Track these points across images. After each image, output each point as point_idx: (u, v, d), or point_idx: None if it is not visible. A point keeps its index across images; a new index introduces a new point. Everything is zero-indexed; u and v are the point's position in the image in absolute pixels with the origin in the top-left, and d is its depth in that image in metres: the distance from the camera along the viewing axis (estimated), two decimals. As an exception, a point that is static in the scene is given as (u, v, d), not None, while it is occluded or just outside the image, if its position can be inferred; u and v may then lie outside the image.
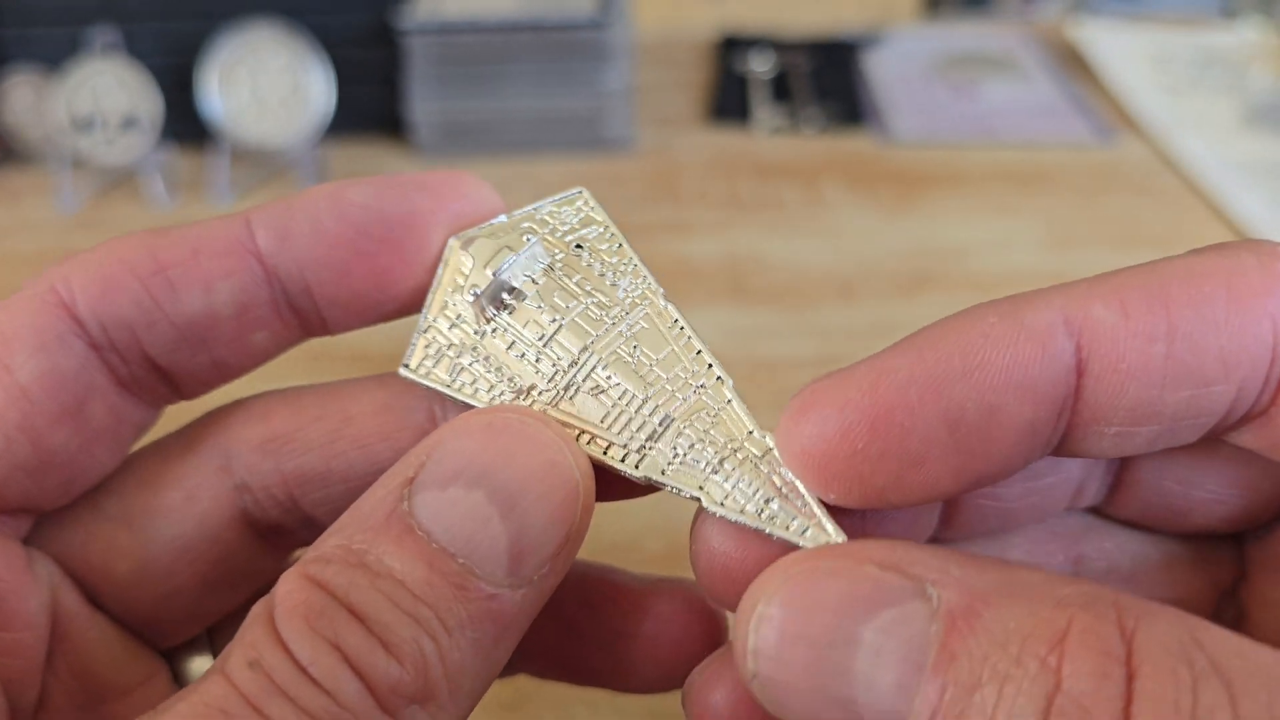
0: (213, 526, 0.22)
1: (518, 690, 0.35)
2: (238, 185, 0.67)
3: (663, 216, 0.63)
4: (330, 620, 0.16)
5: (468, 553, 0.17)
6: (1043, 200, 0.64)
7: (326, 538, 0.18)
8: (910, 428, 0.17)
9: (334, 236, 0.21)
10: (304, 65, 0.66)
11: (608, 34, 0.67)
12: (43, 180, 0.67)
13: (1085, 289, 0.18)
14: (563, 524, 0.18)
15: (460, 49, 0.68)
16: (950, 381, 0.17)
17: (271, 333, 0.21)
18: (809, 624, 0.16)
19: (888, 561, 0.16)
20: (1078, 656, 0.14)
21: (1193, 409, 0.17)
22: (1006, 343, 0.17)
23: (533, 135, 0.70)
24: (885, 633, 0.15)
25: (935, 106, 0.77)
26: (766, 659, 0.16)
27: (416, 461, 0.18)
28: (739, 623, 0.17)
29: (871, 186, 0.66)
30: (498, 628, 0.17)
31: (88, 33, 0.66)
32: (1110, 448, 0.18)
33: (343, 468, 0.22)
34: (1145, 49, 0.85)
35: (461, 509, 0.17)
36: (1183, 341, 0.17)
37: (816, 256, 0.59)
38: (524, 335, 0.20)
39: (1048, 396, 0.17)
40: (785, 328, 0.53)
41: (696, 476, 0.19)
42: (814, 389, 0.18)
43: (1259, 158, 0.68)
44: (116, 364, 0.20)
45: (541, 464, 0.18)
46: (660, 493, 0.20)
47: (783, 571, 0.17)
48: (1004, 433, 0.17)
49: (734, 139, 0.72)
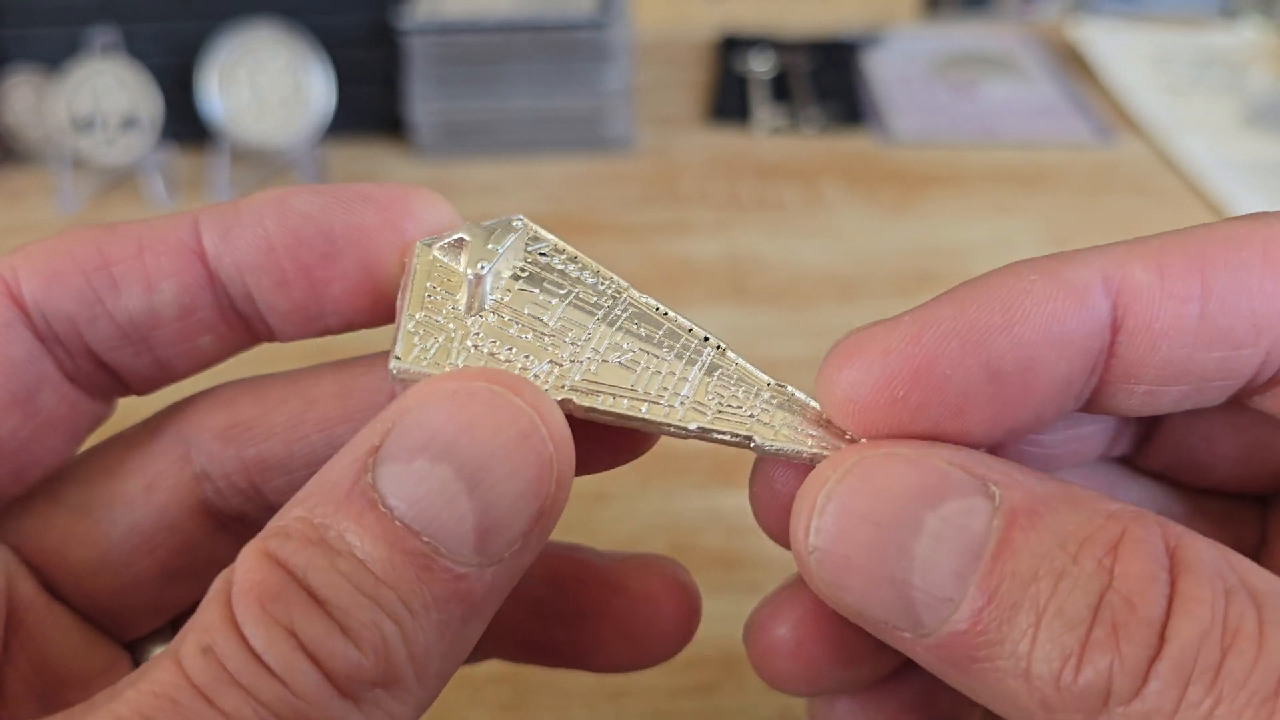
0: (172, 516, 0.22)
1: (518, 690, 0.35)
2: (237, 185, 0.67)
3: (663, 216, 0.63)
4: (286, 604, 0.16)
5: (433, 531, 0.16)
6: (1042, 200, 0.64)
7: (290, 507, 0.17)
8: (951, 377, 0.17)
9: (274, 244, 0.20)
10: (304, 65, 0.66)
11: (608, 34, 0.67)
12: (43, 180, 0.67)
13: (1124, 250, 0.18)
14: (534, 500, 0.17)
15: (460, 49, 0.68)
16: (992, 334, 0.17)
17: (216, 337, 0.21)
18: (876, 505, 0.17)
19: (955, 459, 0.17)
20: (1129, 560, 0.15)
21: (1222, 370, 0.18)
22: (1046, 298, 0.17)
23: (533, 135, 0.70)
24: (948, 521, 0.16)
25: (935, 107, 0.77)
26: (829, 535, 0.17)
27: (382, 429, 0.17)
28: (803, 498, 0.18)
29: (871, 186, 0.66)
30: (465, 608, 0.17)
31: (88, 33, 0.66)
32: (1138, 405, 0.19)
33: (305, 452, 0.22)
34: (1145, 49, 0.85)
35: (427, 484, 0.16)
36: (1216, 304, 0.17)
37: (816, 256, 0.59)
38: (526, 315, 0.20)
39: (1083, 351, 0.18)
40: (785, 328, 0.53)
41: (742, 421, 0.19)
42: (858, 337, 0.18)
43: (1259, 158, 0.68)
44: (62, 356, 0.20)
45: (512, 436, 0.17)
46: (659, 492, 0.20)
47: (856, 453, 0.17)
48: (1040, 385, 0.18)
49: (734, 139, 0.72)
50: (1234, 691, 0.14)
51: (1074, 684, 0.15)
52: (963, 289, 0.18)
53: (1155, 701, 0.14)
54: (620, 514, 0.42)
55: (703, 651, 0.36)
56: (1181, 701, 0.14)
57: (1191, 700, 0.14)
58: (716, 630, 0.37)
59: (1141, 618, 0.15)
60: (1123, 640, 0.15)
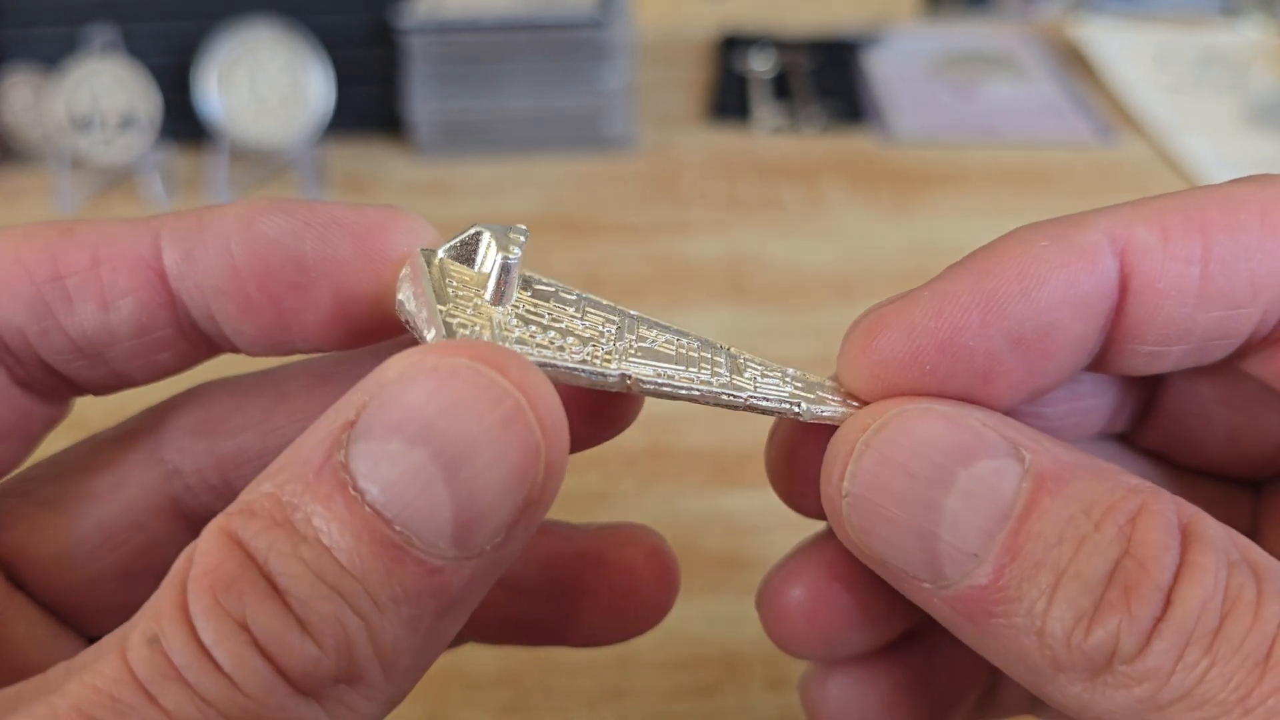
0: (139, 514, 0.21)
1: (518, 692, 0.35)
2: (236, 184, 0.67)
3: (663, 216, 0.63)
4: (240, 594, 0.15)
5: (405, 519, 0.15)
6: (1043, 200, 0.64)
7: (261, 480, 0.16)
8: (976, 347, 0.18)
9: (240, 268, 0.19)
10: (303, 64, 0.65)
11: (607, 33, 0.67)
12: (41, 180, 0.67)
13: (1129, 212, 0.19)
14: (519, 490, 0.16)
15: (460, 48, 0.67)
16: (1011, 301, 0.18)
17: (175, 353, 0.20)
18: (911, 456, 0.17)
19: (989, 422, 0.18)
20: (1146, 529, 0.16)
21: (1221, 329, 0.19)
22: (1060, 263, 0.18)
23: (532, 134, 0.70)
24: (980, 479, 0.17)
25: (936, 106, 0.76)
26: (864, 481, 0.17)
27: (359, 400, 0.16)
28: (839, 442, 0.18)
29: (872, 186, 0.66)
30: (440, 603, 0.16)
31: (86, 32, 0.66)
32: (1142, 365, 0.19)
33: (279, 444, 0.20)
34: (1146, 48, 0.85)
35: (401, 467, 0.15)
36: (1216, 264, 0.18)
37: (816, 256, 0.59)
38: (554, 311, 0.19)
39: (1096, 311, 0.18)
40: (785, 328, 0.53)
41: (784, 398, 0.20)
42: (880, 313, 0.19)
43: (1260, 157, 0.68)
44: (12, 365, 0.20)
45: (495, 420, 0.15)
46: (659, 492, 0.20)
47: (896, 405, 0.18)
48: (1059, 347, 0.18)
49: (734, 138, 0.72)
50: (1229, 654, 0.15)
51: (1084, 642, 0.15)
52: (977, 259, 0.19)
53: (1156, 661, 0.15)
54: (620, 514, 0.41)
55: (703, 652, 0.36)
56: (1179, 662, 0.15)
57: (1189, 661, 0.15)
58: (717, 631, 0.37)
59: (1153, 581, 0.15)
60: (1133, 602, 0.15)
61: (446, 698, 0.35)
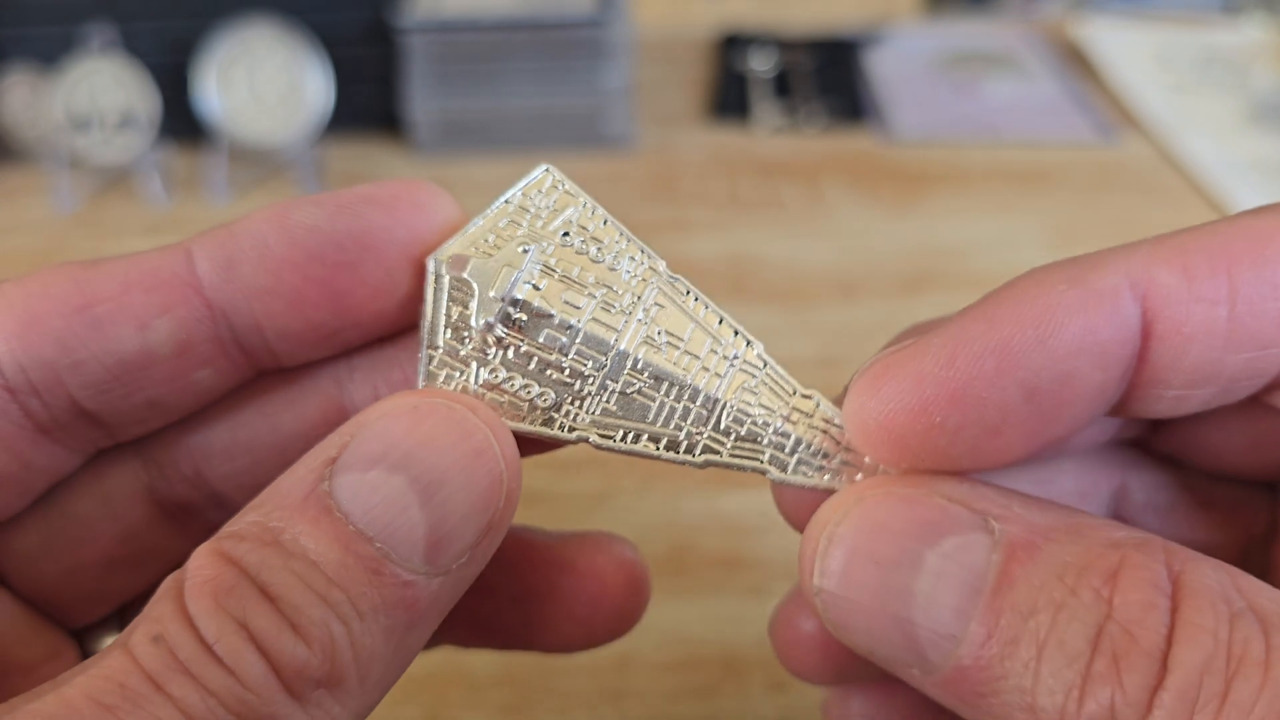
0: (116, 503, 0.21)
1: (518, 693, 0.35)
2: (235, 184, 0.66)
3: (663, 215, 0.63)
4: (239, 598, 0.16)
5: (385, 538, 0.17)
6: (1045, 199, 0.64)
7: (244, 514, 0.17)
8: (988, 398, 0.17)
9: (283, 263, 0.19)
10: (302, 63, 0.65)
11: (607, 32, 0.67)
12: (40, 179, 0.67)
13: (1148, 251, 0.18)
14: (484, 514, 0.18)
15: (459, 47, 0.67)
16: (1026, 350, 0.17)
17: (216, 370, 0.20)
18: (877, 544, 0.17)
19: (954, 495, 0.17)
20: (1128, 589, 0.15)
21: (1249, 370, 0.18)
22: (1078, 309, 0.17)
23: (532, 133, 0.69)
24: (948, 558, 0.16)
25: (937, 105, 0.76)
26: (833, 576, 0.17)
27: (340, 441, 0.17)
28: (807, 539, 0.18)
29: (873, 185, 0.66)
30: (411, 616, 0.17)
31: (84, 31, 0.66)
32: (1166, 409, 0.19)
33: (247, 437, 0.21)
34: (1148, 47, 0.84)
35: (381, 493, 0.17)
36: (1244, 304, 0.17)
37: (817, 256, 0.59)
38: (543, 349, 0.20)
39: (1116, 359, 0.17)
40: (785, 327, 0.52)
41: (756, 451, 0.19)
42: (886, 362, 0.18)
43: (1262, 156, 0.67)
44: (36, 408, 0.19)
45: (466, 452, 0.18)
46: (659, 493, 0.20)
47: (855, 494, 0.18)
48: (1077, 396, 0.18)
49: (734, 137, 0.72)
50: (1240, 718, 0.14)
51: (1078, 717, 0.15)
52: (990, 303, 0.18)
53: None
54: (620, 515, 0.41)
55: (703, 652, 0.36)
56: None
57: None
58: (717, 631, 0.37)
59: (1142, 648, 0.15)
60: (1124, 671, 0.15)
61: (446, 698, 0.34)
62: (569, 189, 0.21)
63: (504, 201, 0.21)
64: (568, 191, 0.21)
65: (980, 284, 0.65)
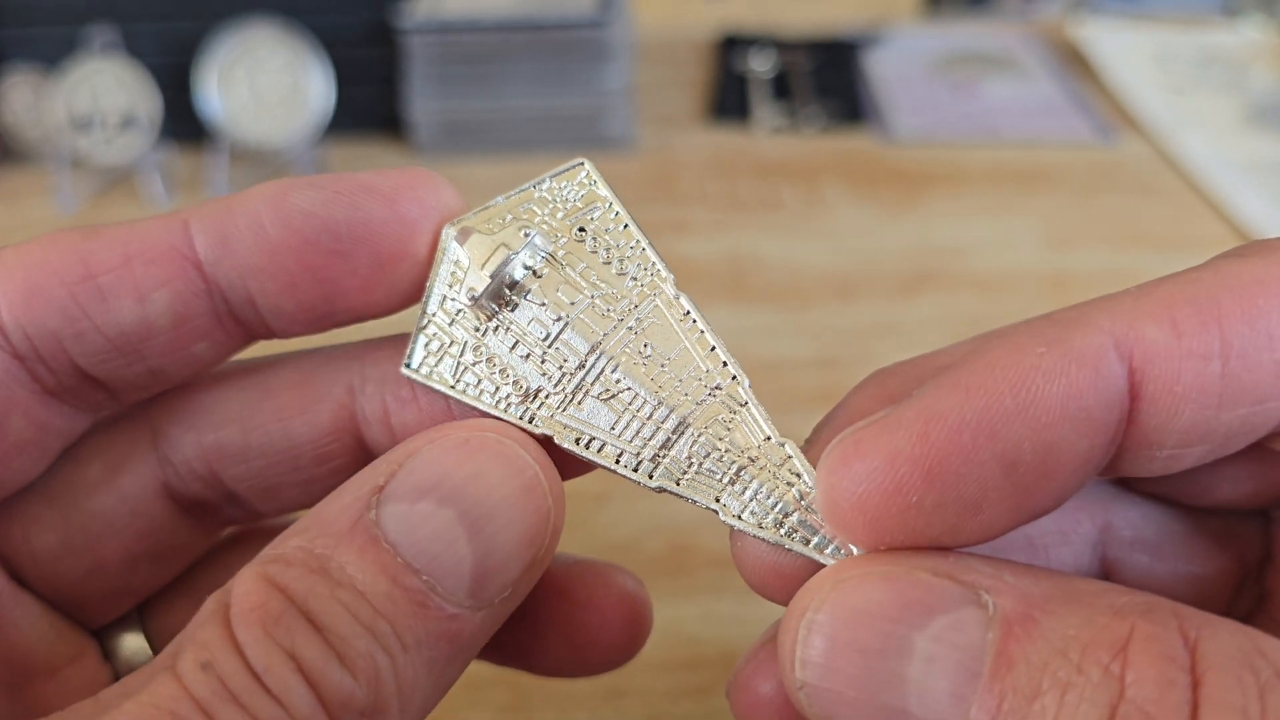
0: (135, 500, 0.21)
1: (518, 693, 0.35)
2: (236, 184, 0.66)
3: (662, 216, 0.63)
4: (287, 627, 0.16)
5: (431, 570, 0.17)
6: (1043, 199, 0.64)
7: (288, 537, 0.17)
8: (966, 474, 0.16)
9: (277, 245, 0.19)
10: (303, 64, 0.65)
11: (607, 33, 0.67)
12: (42, 180, 0.67)
13: (1131, 305, 0.17)
14: (529, 550, 0.18)
15: (460, 48, 0.67)
16: (1005, 421, 0.16)
17: (212, 343, 0.20)
18: (860, 631, 0.15)
19: (940, 568, 0.16)
20: (1141, 664, 0.14)
21: (1246, 426, 0.17)
22: (1058, 373, 0.16)
23: (532, 134, 0.70)
24: (939, 640, 0.15)
25: (936, 106, 0.76)
26: (815, 668, 0.16)
27: (388, 469, 0.17)
28: (785, 630, 0.16)
29: (872, 186, 0.66)
30: (453, 648, 0.17)
31: (86, 32, 0.66)
32: (1160, 469, 0.17)
33: (261, 441, 0.21)
34: (1146, 48, 0.85)
35: (430, 526, 0.17)
36: (1238, 359, 0.16)
37: (816, 256, 0.59)
38: (528, 335, 0.20)
39: (1103, 424, 0.16)
40: (785, 328, 0.53)
41: (713, 487, 0.19)
42: (857, 438, 0.17)
43: (1260, 157, 0.68)
44: (43, 374, 0.19)
45: (516, 488, 0.18)
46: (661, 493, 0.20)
47: (832, 577, 0.16)
48: (1061, 466, 0.16)
49: (734, 138, 0.72)
50: None
51: None
52: (964, 371, 0.16)
53: None
54: (620, 515, 0.41)
55: (703, 652, 0.36)
56: None
57: None
58: (717, 632, 0.37)
59: None
60: None
61: (447, 698, 0.35)
62: (598, 188, 0.21)
63: (531, 186, 0.21)
64: (596, 190, 0.21)
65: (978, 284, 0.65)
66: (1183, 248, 0.59)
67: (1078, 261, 0.58)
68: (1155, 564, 0.22)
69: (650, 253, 0.20)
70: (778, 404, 0.19)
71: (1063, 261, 0.58)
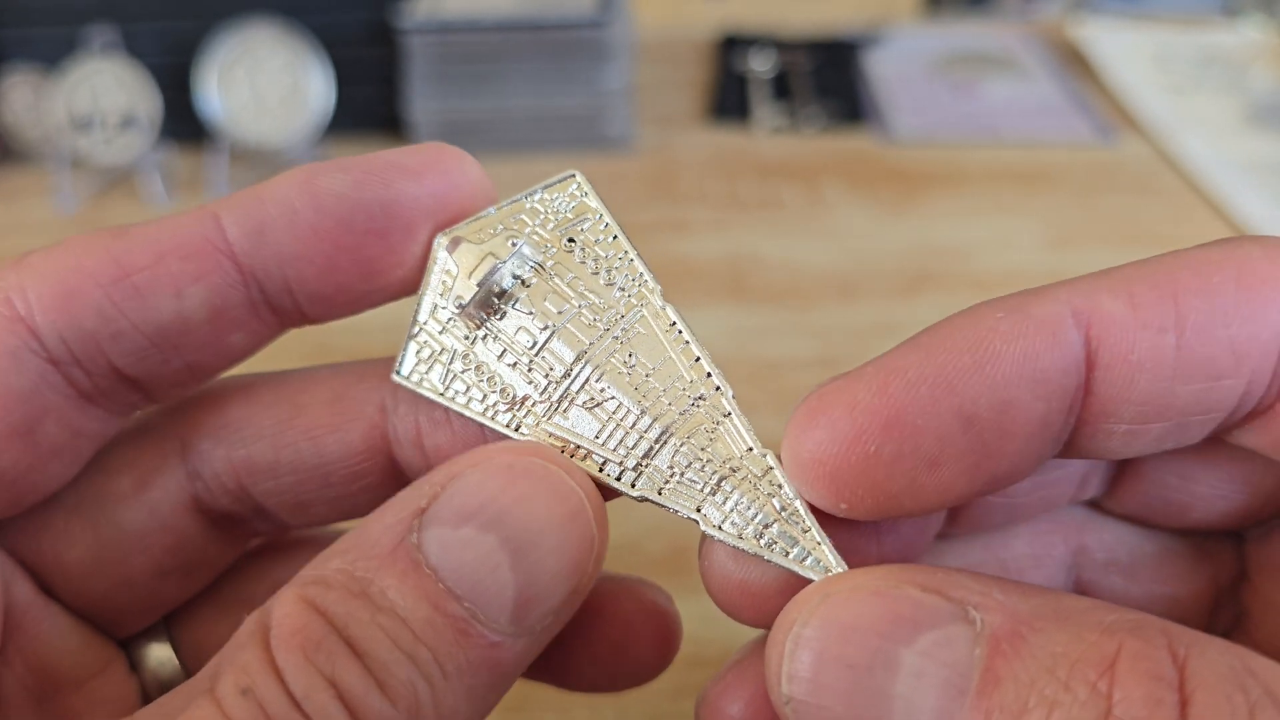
0: (165, 513, 0.21)
1: (519, 692, 0.35)
2: (236, 184, 0.66)
3: (662, 216, 0.63)
4: (328, 653, 0.16)
5: (473, 597, 0.17)
6: (1043, 199, 0.64)
7: (328, 558, 0.17)
8: (925, 427, 0.16)
9: (313, 230, 0.19)
10: (303, 64, 0.65)
11: (607, 33, 0.67)
12: (42, 180, 0.67)
13: (1091, 281, 0.17)
14: (573, 578, 0.17)
15: (460, 48, 0.67)
16: (962, 377, 0.16)
17: (248, 333, 0.20)
18: (847, 646, 0.15)
19: (929, 584, 0.16)
20: (1129, 682, 0.13)
21: (1203, 403, 0.17)
22: (1016, 335, 0.16)
23: (532, 134, 0.70)
24: (927, 656, 0.15)
25: (936, 106, 0.76)
26: (802, 683, 0.16)
27: (430, 491, 0.17)
28: (772, 644, 0.16)
29: (872, 186, 0.66)
30: (493, 676, 0.17)
31: (86, 32, 0.66)
32: (1119, 447, 0.18)
33: (291, 458, 0.21)
34: (1146, 48, 0.85)
35: (473, 551, 0.17)
36: (1193, 332, 0.16)
37: (816, 256, 0.59)
38: (515, 343, 0.20)
39: (1059, 389, 0.17)
40: (785, 328, 0.53)
41: (694, 497, 0.18)
42: (820, 393, 0.17)
43: (1260, 157, 0.68)
44: (78, 377, 0.19)
45: (562, 515, 0.17)
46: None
47: (820, 592, 0.16)
48: (1018, 428, 0.17)
49: (734, 138, 0.72)
50: None
51: None
52: (927, 334, 0.17)
53: None
54: (620, 515, 0.41)
55: (704, 652, 0.36)
56: None
57: None
58: (717, 631, 0.37)
59: None
60: None
61: (447, 697, 0.35)
62: (589, 199, 0.21)
63: (523, 197, 0.21)
64: (587, 201, 0.21)
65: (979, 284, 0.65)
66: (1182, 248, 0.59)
67: (1078, 261, 0.58)
68: (1130, 586, 0.22)
69: (638, 263, 0.20)
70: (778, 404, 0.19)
71: (1063, 261, 0.58)
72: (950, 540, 0.22)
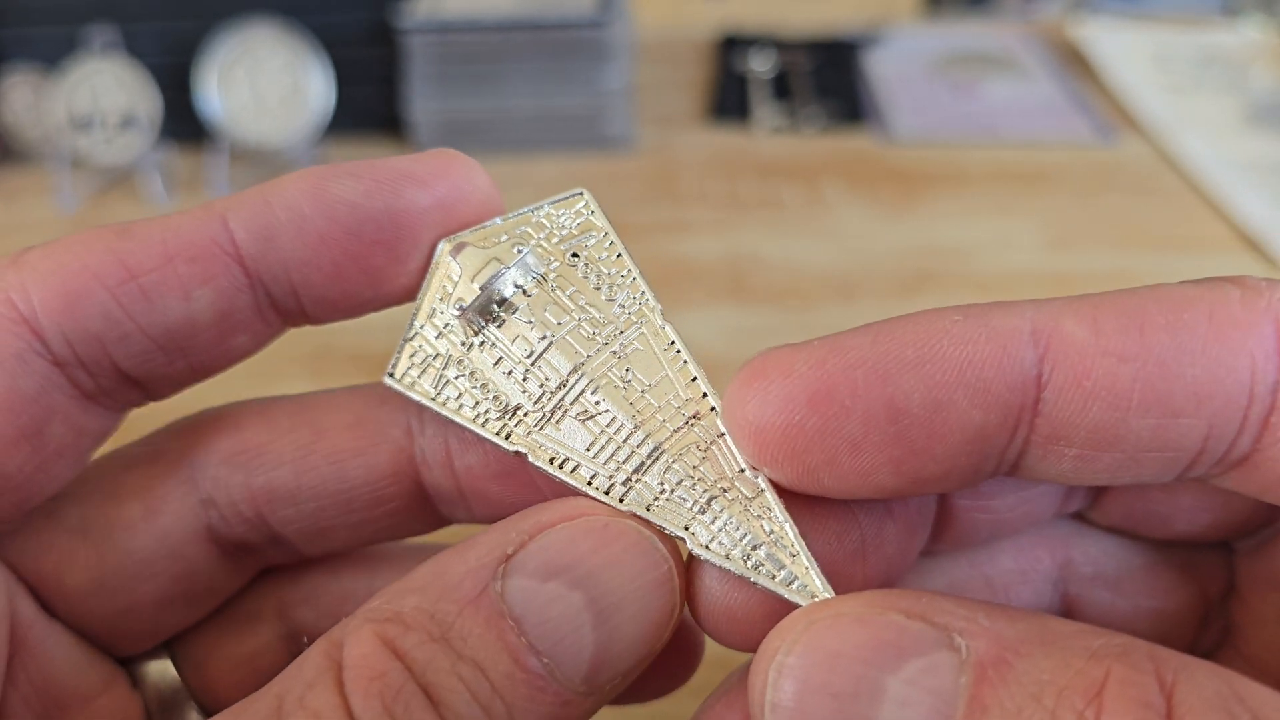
0: (174, 542, 0.21)
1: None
2: (236, 184, 0.66)
3: (662, 216, 0.63)
4: (406, 704, 0.15)
5: (553, 653, 0.16)
6: (1043, 200, 0.64)
7: (404, 595, 0.17)
8: (850, 408, 0.16)
9: (321, 237, 0.19)
10: (303, 64, 0.65)
11: (607, 33, 0.67)
12: (42, 179, 0.67)
13: (1061, 303, 0.17)
14: (649, 643, 0.17)
15: (460, 48, 0.67)
16: (900, 369, 0.16)
17: (252, 334, 0.20)
18: (831, 674, 0.15)
19: (913, 610, 0.15)
20: (1117, 709, 0.13)
21: (1158, 440, 0.17)
22: (965, 340, 0.16)
23: (532, 134, 0.70)
24: (912, 683, 0.15)
25: (936, 106, 0.76)
26: (785, 712, 0.15)
27: (516, 539, 0.17)
28: (755, 672, 0.16)
29: (872, 186, 0.66)
30: None
31: (86, 32, 0.66)
32: (1070, 471, 0.17)
33: (314, 484, 0.21)
34: (1146, 48, 0.85)
35: (558, 608, 0.16)
36: (1155, 366, 0.16)
37: (816, 256, 0.59)
38: (512, 351, 0.20)
39: (1001, 402, 0.16)
40: (785, 328, 0.53)
41: (683, 515, 0.18)
42: (764, 357, 0.17)
43: (1260, 157, 0.68)
44: (82, 378, 0.19)
45: (649, 581, 0.17)
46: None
47: (804, 619, 0.16)
48: (950, 432, 0.17)
49: (734, 138, 0.72)
50: None
51: None
52: (885, 322, 0.17)
53: None
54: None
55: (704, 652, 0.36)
56: None
57: None
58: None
59: None
60: None
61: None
62: (595, 217, 0.21)
63: (530, 210, 0.21)
64: (592, 219, 0.21)
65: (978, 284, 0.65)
66: (1183, 248, 0.59)
67: (1078, 262, 0.58)
68: (1117, 600, 0.22)
69: (641, 282, 0.20)
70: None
71: (1063, 262, 0.58)
72: (936, 557, 0.22)
